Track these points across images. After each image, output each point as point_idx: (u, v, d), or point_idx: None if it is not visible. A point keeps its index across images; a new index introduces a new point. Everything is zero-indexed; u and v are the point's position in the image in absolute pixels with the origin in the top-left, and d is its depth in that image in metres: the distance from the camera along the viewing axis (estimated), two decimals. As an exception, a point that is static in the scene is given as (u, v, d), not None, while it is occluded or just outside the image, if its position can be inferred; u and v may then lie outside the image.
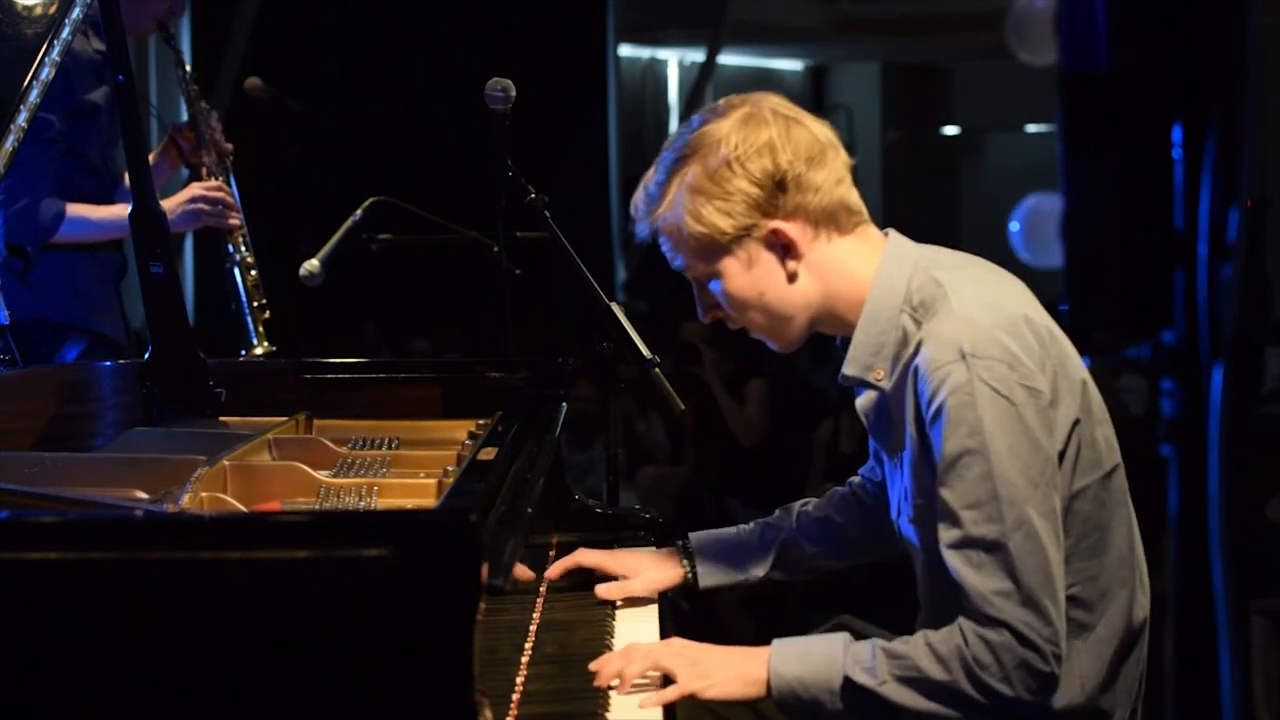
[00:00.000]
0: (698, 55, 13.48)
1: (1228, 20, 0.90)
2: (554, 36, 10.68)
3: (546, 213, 2.56)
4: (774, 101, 1.95)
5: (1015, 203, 8.76)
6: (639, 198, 2.00)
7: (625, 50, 12.84)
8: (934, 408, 1.80)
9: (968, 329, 1.81)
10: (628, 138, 12.73)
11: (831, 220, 1.93)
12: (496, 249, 2.81)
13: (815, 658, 1.85)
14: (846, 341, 1.98)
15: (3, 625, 1.32)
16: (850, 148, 2.00)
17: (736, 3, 11.54)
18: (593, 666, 1.86)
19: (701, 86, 13.40)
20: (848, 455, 5.43)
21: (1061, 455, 1.82)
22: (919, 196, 13.13)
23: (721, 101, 1.97)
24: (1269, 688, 2.84)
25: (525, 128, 2.66)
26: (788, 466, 5.75)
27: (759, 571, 2.25)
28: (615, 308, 2.52)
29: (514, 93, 2.50)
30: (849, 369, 1.95)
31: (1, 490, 1.70)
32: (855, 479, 2.29)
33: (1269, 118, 0.96)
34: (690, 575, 2.24)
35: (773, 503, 2.35)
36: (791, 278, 1.94)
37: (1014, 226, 8.71)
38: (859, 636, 1.90)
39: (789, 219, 1.91)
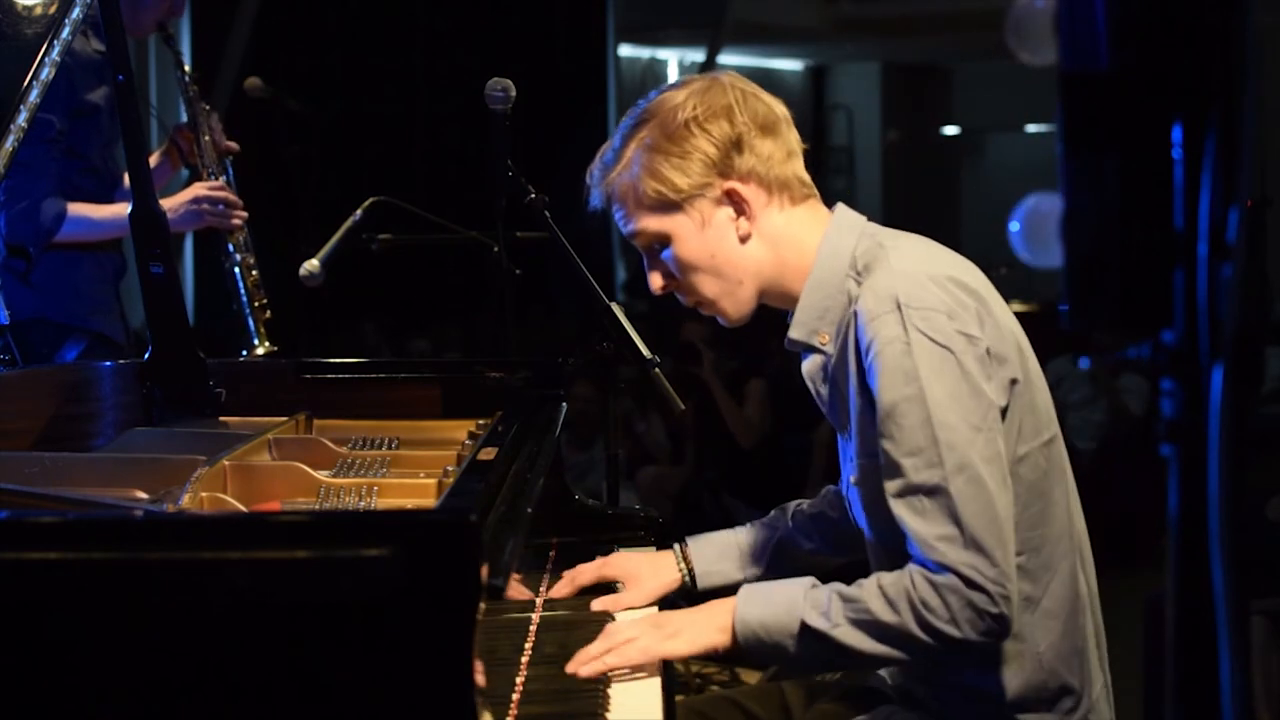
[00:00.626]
0: (698, 55, 13.48)
1: (1228, 20, 0.90)
2: (554, 36, 10.69)
3: (546, 213, 2.56)
4: (732, 76, 2.00)
5: (1015, 203, 8.76)
6: (594, 165, 2.03)
7: (625, 50, 12.84)
8: (870, 359, 1.83)
9: (903, 280, 1.84)
10: (628, 138, 12.72)
11: (784, 189, 1.97)
12: (496, 249, 2.81)
13: (776, 603, 1.88)
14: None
15: (3, 625, 1.32)
16: (850, 148, 2.03)
17: (736, 3, 11.55)
18: (569, 668, 1.86)
19: (701, 86, 13.40)
20: (848, 455, 5.41)
21: (1004, 414, 1.84)
22: (919, 196, 13.13)
23: (680, 78, 2.01)
24: (1269, 688, 2.84)
25: (525, 128, 2.66)
26: (788, 466, 5.75)
27: (756, 571, 2.26)
28: (615, 308, 2.52)
29: (514, 93, 2.50)
30: (794, 333, 1.98)
31: (1, 490, 1.70)
32: None
33: (1269, 118, 0.96)
34: (688, 578, 2.24)
35: (773, 503, 2.35)
36: (744, 239, 1.96)
37: (1014, 226, 8.71)
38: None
39: (744, 181, 1.94)
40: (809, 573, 2.36)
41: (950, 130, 14.67)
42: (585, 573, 2.22)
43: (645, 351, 2.50)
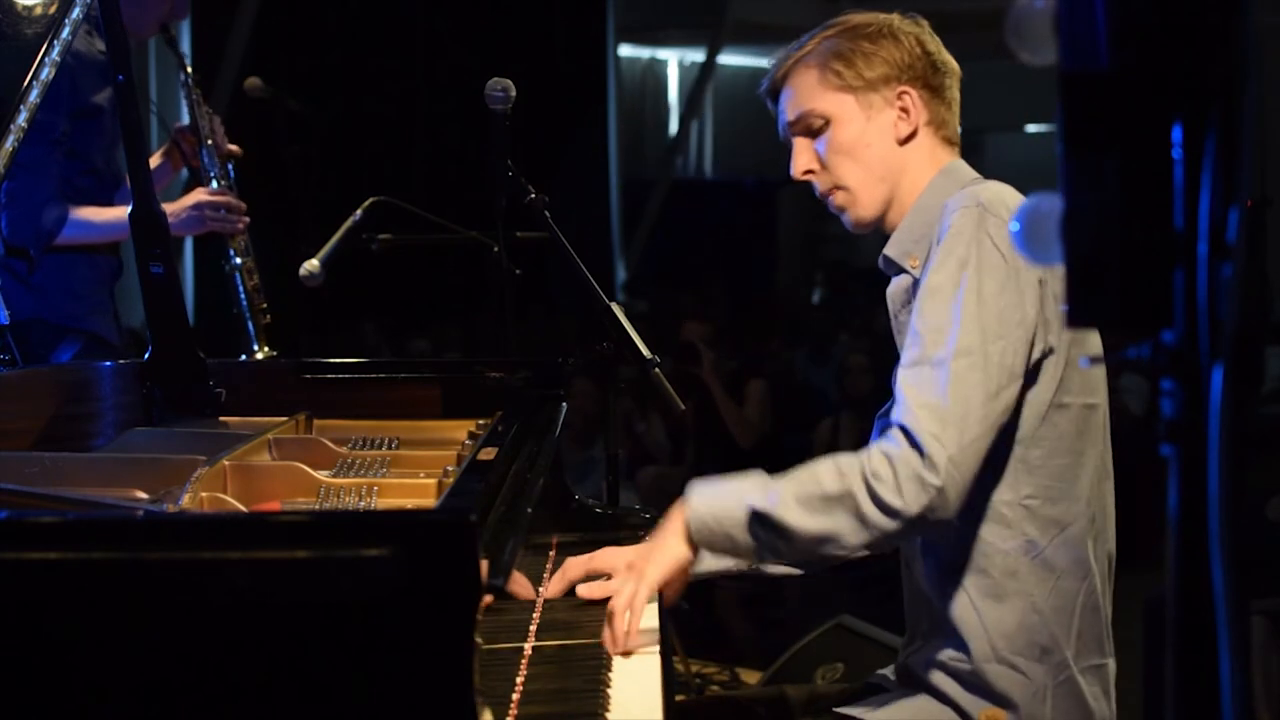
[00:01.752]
0: (698, 55, 13.49)
1: (1228, 20, 0.90)
2: (554, 36, 10.69)
3: (546, 213, 2.56)
4: (923, 22, 2.12)
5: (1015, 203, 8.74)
6: (778, 57, 2.12)
7: (625, 50, 12.85)
8: (938, 245, 1.90)
9: (993, 192, 1.91)
10: (628, 138, 12.75)
11: (942, 124, 2.08)
12: (496, 249, 2.81)
13: (725, 493, 1.91)
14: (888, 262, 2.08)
15: (3, 625, 1.32)
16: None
17: (736, 3, 11.55)
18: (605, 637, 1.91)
19: (701, 86, 13.41)
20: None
21: (1049, 355, 1.88)
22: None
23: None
24: (1269, 688, 2.84)
25: (525, 128, 2.66)
26: (787, 466, 5.75)
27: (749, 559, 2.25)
28: (615, 308, 2.52)
29: (514, 93, 2.50)
30: (890, 249, 2.06)
31: (1, 490, 1.70)
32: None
33: (1269, 118, 0.96)
34: None
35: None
36: (901, 141, 2.05)
37: (1014, 226, 8.68)
38: (859, 636, 1.92)
39: (917, 92, 2.05)
40: (796, 563, 2.34)
41: (950, 130, 14.63)
42: (573, 567, 2.21)
43: (645, 351, 2.50)
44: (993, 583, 1.93)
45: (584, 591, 2.16)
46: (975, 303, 1.84)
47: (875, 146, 2.05)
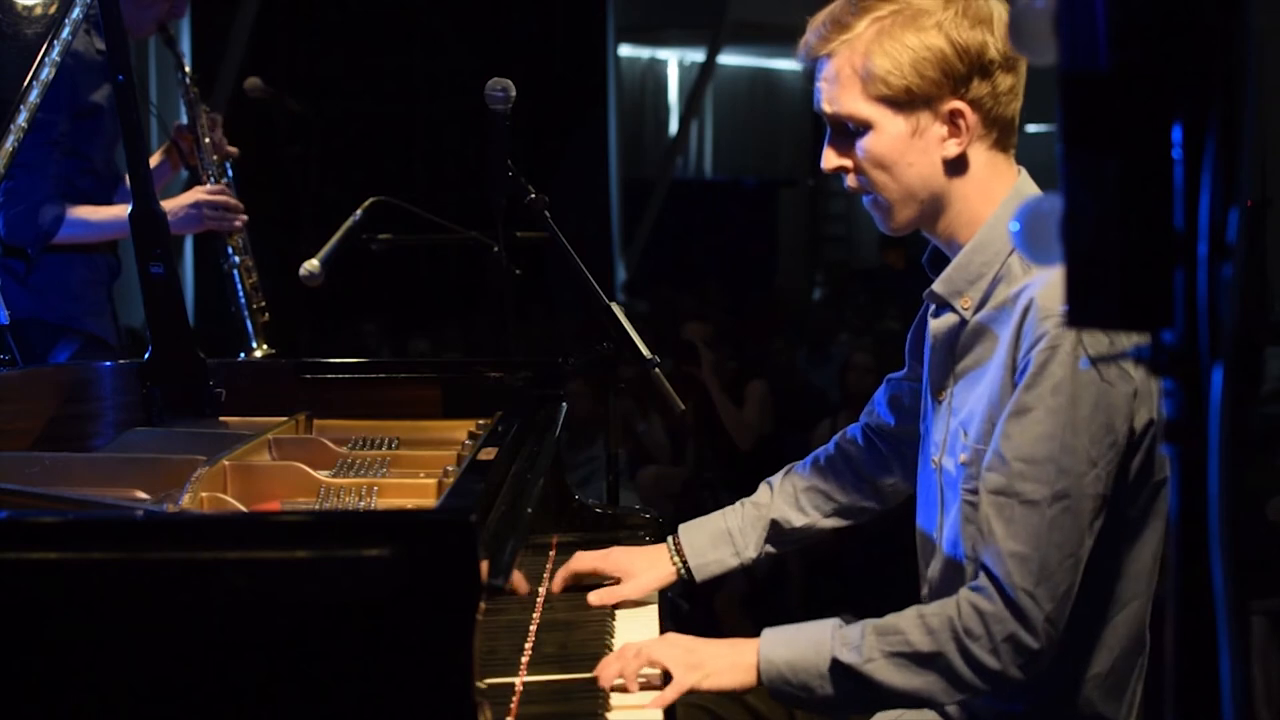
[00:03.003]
0: (698, 55, 13.49)
1: (1228, 20, 0.90)
2: (554, 36, 10.69)
3: (546, 213, 2.56)
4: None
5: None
6: (820, 20, 1.89)
7: (625, 50, 12.85)
8: (1031, 354, 1.74)
9: None
10: (628, 138, 12.74)
11: (1002, 130, 1.87)
12: (496, 249, 2.81)
13: (803, 642, 1.83)
14: (935, 259, 1.95)
15: (3, 625, 1.32)
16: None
17: (736, 3, 11.55)
18: (595, 673, 1.84)
19: (701, 86, 13.41)
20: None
21: (1138, 446, 1.76)
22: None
23: None
24: (1269, 688, 2.85)
25: (525, 128, 2.66)
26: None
27: (751, 553, 2.24)
28: (615, 308, 2.52)
29: (514, 93, 2.50)
30: (940, 287, 1.90)
31: (1, 490, 1.70)
32: (845, 438, 2.27)
33: (1269, 118, 0.96)
34: (683, 570, 2.22)
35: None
36: (948, 161, 1.86)
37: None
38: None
39: (973, 107, 1.84)
40: (803, 544, 2.31)
41: (950, 130, 14.63)
42: (582, 562, 2.21)
43: (645, 351, 2.50)
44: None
45: (595, 599, 2.16)
46: (1071, 434, 1.71)
47: (918, 165, 1.86)
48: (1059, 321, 1.72)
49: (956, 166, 1.87)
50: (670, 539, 2.26)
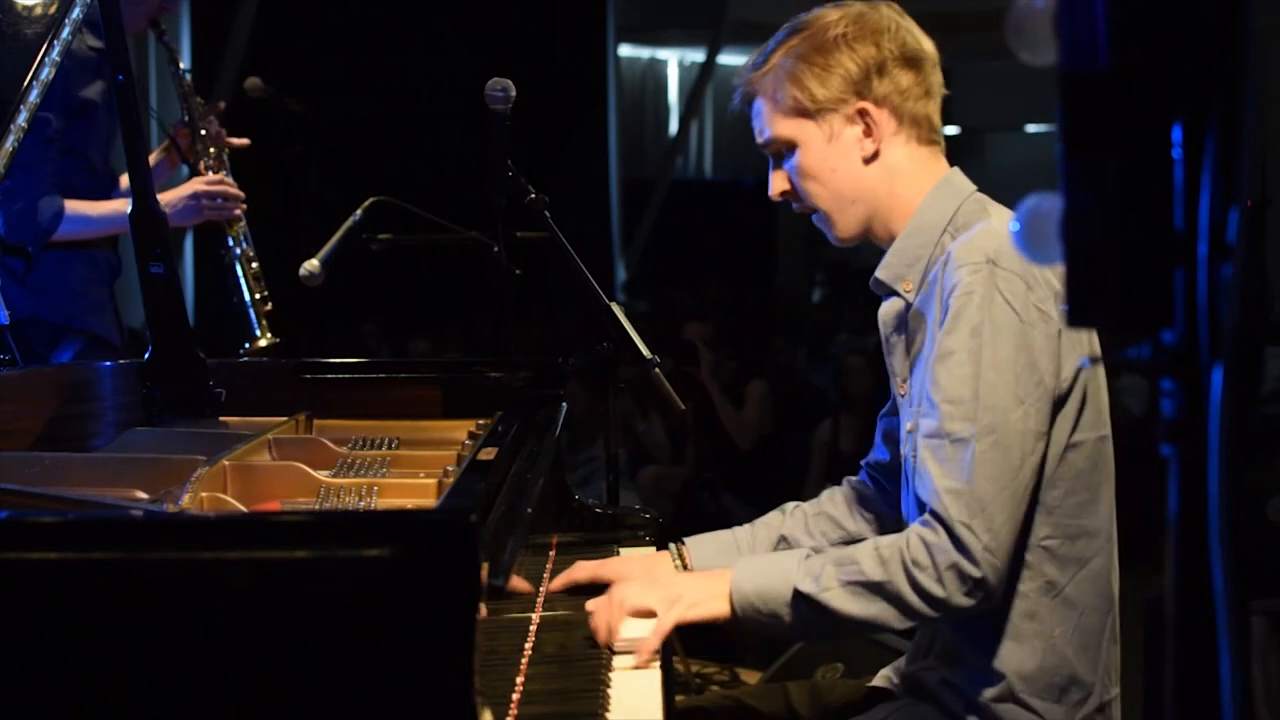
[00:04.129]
0: (698, 55, 13.49)
1: (1228, 20, 0.90)
2: (554, 36, 10.69)
3: (546, 213, 2.56)
4: (891, 6, 2.06)
5: (1015, 203, 8.75)
6: (744, 65, 2.10)
7: (625, 50, 12.85)
8: (948, 301, 1.86)
9: (998, 240, 1.87)
10: (628, 138, 12.74)
11: (914, 125, 2.03)
12: (496, 249, 2.81)
13: (771, 572, 1.92)
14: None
15: (3, 625, 1.32)
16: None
17: (736, 3, 11.54)
18: (592, 630, 1.93)
19: (701, 86, 13.41)
20: (847, 455, 5.43)
21: (1065, 399, 1.86)
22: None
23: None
24: (1269, 688, 2.84)
25: (525, 128, 2.66)
26: (787, 467, 5.75)
27: None
28: (615, 308, 2.52)
29: (514, 93, 2.50)
30: (881, 273, 2.03)
31: (1, 490, 1.70)
32: (853, 478, 2.30)
33: (1269, 118, 0.96)
34: None
35: (773, 503, 2.35)
36: (867, 160, 2.01)
37: (1014, 226, 8.70)
38: (861, 637, 1.91)
39: (878, 104, 2.00)
40: None
41: (950, 130, 14.61)
42: (581, 570, 2.21)
43: (645, 351, 2.50)
44: (1012, 625, 1.90)
45: (593, 606, 2.16)
46: (993, 371, 1.80)
47: (840, 169, 2.02)
48: (974, 268, 1.84)
49: (880, 165, 2.02)
50: (673, 545, 2.27)
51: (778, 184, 2.08)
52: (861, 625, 1.87)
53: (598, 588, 2.20)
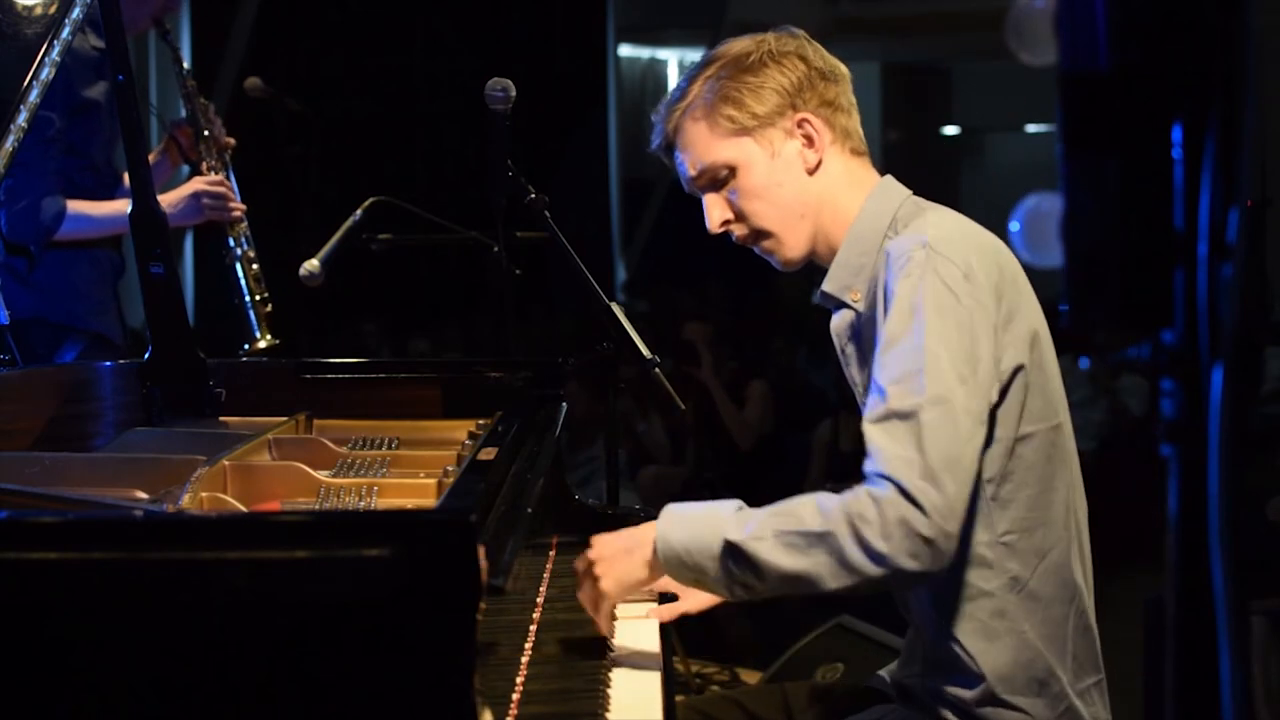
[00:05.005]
0: (697, 55, 13.47)
1: (1228, 20, 0.90)
2: (554, 36, 10.69)
3: (546, 213, 2.56)
4: (800, 32, 2.06)
5: (1015, 203, 8.76)
6: (659, 106, 2.06)
7: (625, 50, 12.84)
8: (888, 290, 1.85)
9: (936, 230, 1.87)
10: (628, 138, 12.73)
11: (846, 137, 2.02)
12: (496, 249, 2.81)
13: (700, 521, 1.82)
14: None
15: (3, 625, 1.32)
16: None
17: (736, 3, 11.54)
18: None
19: (701, 86, 13.39)
20: (847, 455, 5.43)
21: (1004, 394, 1.83)
22: (918, 196, 13.12)
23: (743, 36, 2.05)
24: (1269, 688, 2.85)
25: (525, 128, 2.66)
26: (788, 466, 5.75)
27: None
28: (615, 308, 2.52)
29: (514, 93, 2.50)
30: (827, 285, 2.01)
31: (1, 490, 1.70)
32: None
33: (1269, 118, 0.96)
34: None
35: (772, 502, 2.35)
36: (811, 171, 1.99)
37: (1014, 226, 8.71)
38: (859, 636, 1.91)
39: (815, 113, 1.99)
40: None
41: (950, 130, 14.66)
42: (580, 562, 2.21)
43: (645, 351, 2.50)
44: (982, 625, 1.88)
45: (655, 614, 2.15)
46: (939, 345, 1.77)
47: (786, 184, 1.99)
48: (909, 255, 1.83)
49: (822, 176, 2.00)
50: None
51: (718, 214, 2.03)
52: (793, 580, 1.75)
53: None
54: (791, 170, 1.99)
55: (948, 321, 1.79)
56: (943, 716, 1.93)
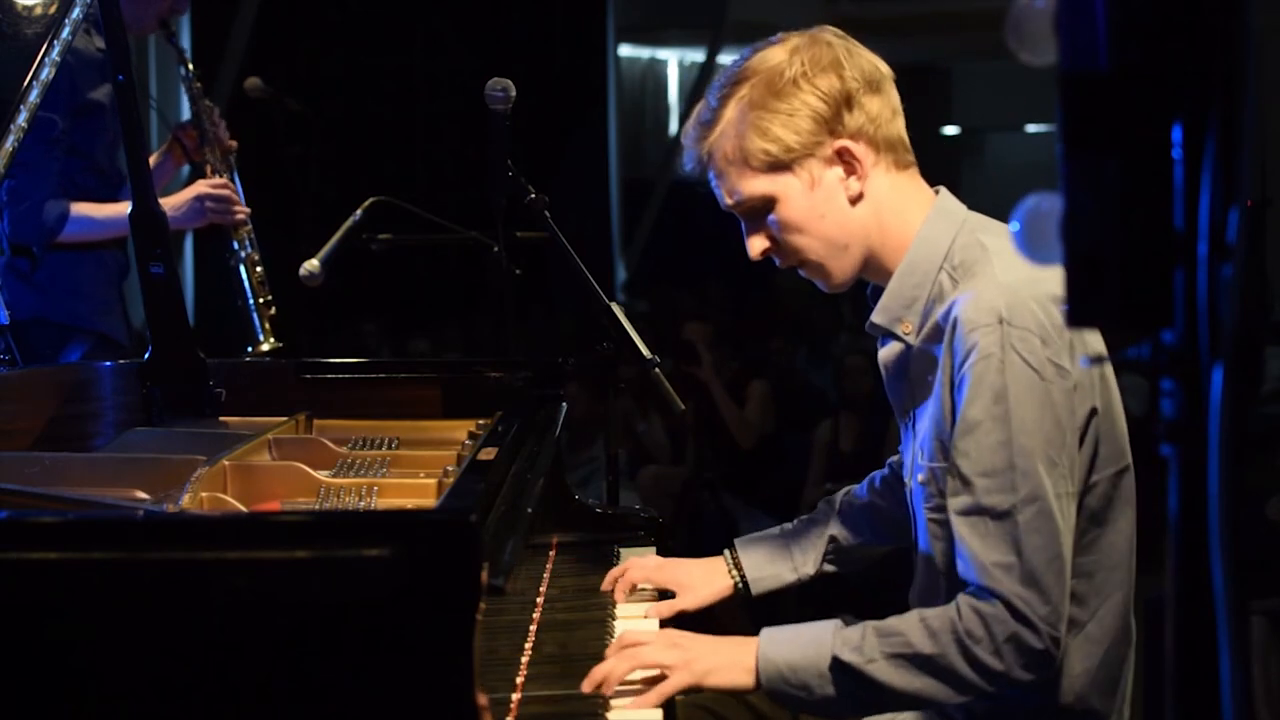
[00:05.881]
0: (698, 55, 13.48)
1: (1228, 20, 0.90)
2: (554, 36, 10.69)
3: (546, 213, 2.56)
4: (833, 31, 1.93)
5: (1015, 203, 8.75)
6: (689, 126, 1.94)
7: (625, 50, 12.84)
8: (964, 368, 1.77)
9: (1007, 296, 1.76)
10: (628, 138, 12.74)
11: (891, 150, 1.90)
12: (496, 249, 2.81)
13: (804, 641, 1.81)
14: (878, 293, 1.94)
15: (3, 625, 1.32)
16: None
17: (736, 3, 11.54)
18: (589, 682, 1.80)
19: (701, 86, 13.40)
20: (847, 455, 5.43)
21: (1080, 442, 1.78)
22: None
23: (776, 36, 1.93)
24: (1269, 688, 2.84)
25: (525, 128, 2.66)
26: (788, 467, 5.75)
27: (809, 569, 2.21)
28: (615, 308, 2.52)
29: (514, 93, 2.50)
30: (878, 317, 1.92)
31: (1, 490, 1.70)
32: (895, 457, 2.23)
33: (1269, 118, 0.96)
34: (740, 584, 2.20)
35: (772, 502, 2.35)
36: (854, 201, 1.89)
37: (1014, 226, 8.69)
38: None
39: (854, 139, 1.87)
40: (862, 564, 2.25)
41: (950, 130, 14.66)
42: (637, 570, 2.20)
43: (645, 351, 2.50)
44: None
45: (652, 612, 2.13)
46: (1024, 437, 1.72)
47: (829, 215, 1.88)
48: (986, 331, 1.74)
49: (867, 203, 1.89)
50: (727, 552, 2.23)
51: (757, 244, 1.94)
52: (909, 700, 1.76)
53: (597, 590, 2.20)
54: (833, 200, 1.88)
55: (1033, 403, 1.73)
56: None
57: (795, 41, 1.90)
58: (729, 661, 1.85)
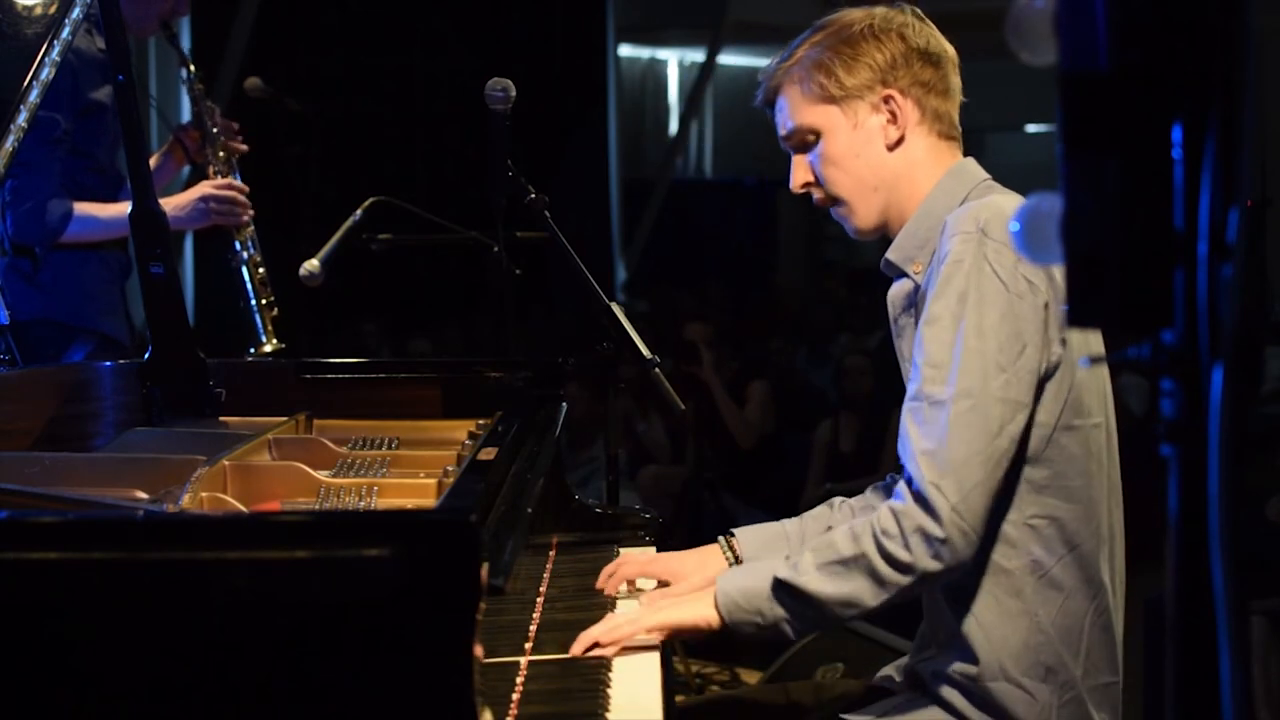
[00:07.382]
0: (698, 55, 13.49)
1: (1228, 20, 0.90)
2: (554, 36, 10.69)
3: (546, 213, 2.56)
4: (913, 9, 2.09)
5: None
6: (768, 64, 2.12)
7: (625, 50, 12.85)
8: (940, 267, 1.88)
9: (993, 212, 1.88)
10: (628, 138, 12.74)
11: (936, 119, 2.05)
12: (496, 249, 2.81)
13: (754, 570, 1.93)
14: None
15: (3, 625, 1.32)
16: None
17: (736, 3, 11.54)
18: (574, 648, 1.91)
19: (701, 86, 13.41)
20: (847, 455, 5.43)
21: (1053, 373, 1.86)
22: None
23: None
24: (1269, 688, 2.85)
25: (525, 128, 2.66)
26: (788, 466, 5.75)
27: None
28: (615, 308, 2.52)
29: (514, 93, 2.50)
30: (892, 254, 2.04)
31: (1, 490, 1.70)
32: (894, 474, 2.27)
33: (1269, 118, 0.96)
34: (734, 565, 2.21)
35: (772, 502, 2.36)
36: (890, 147, 2.03)
37: (1014, 226, 8.68)
38: (860, 636, 1.91)
39: (903, 93, 2.03)
40: None
41: (950, 130, 14.62)
42: (630, 565, 2.21)
43: (645, 351, 2.50)
44: (996, 601, 1.91)
45: (646, 600, 2.15)
46: (975, 337, 1.82)
47: (864, 156, 2.04)
48: (965, 236, 1.86)
49: (902, 154, 2.04)
50: (723, 538, 2.26)
51: (800, 175, 2.09)
52: (841, 605, 1.85)
53: (595, 591, 2.20)
54: (872, 143, 2.03)
55: (993, 310, 1.82)
56: (947, 699, 1.93)
57: (876, 9, 2.07)
58: (693, 600, 1.96)
